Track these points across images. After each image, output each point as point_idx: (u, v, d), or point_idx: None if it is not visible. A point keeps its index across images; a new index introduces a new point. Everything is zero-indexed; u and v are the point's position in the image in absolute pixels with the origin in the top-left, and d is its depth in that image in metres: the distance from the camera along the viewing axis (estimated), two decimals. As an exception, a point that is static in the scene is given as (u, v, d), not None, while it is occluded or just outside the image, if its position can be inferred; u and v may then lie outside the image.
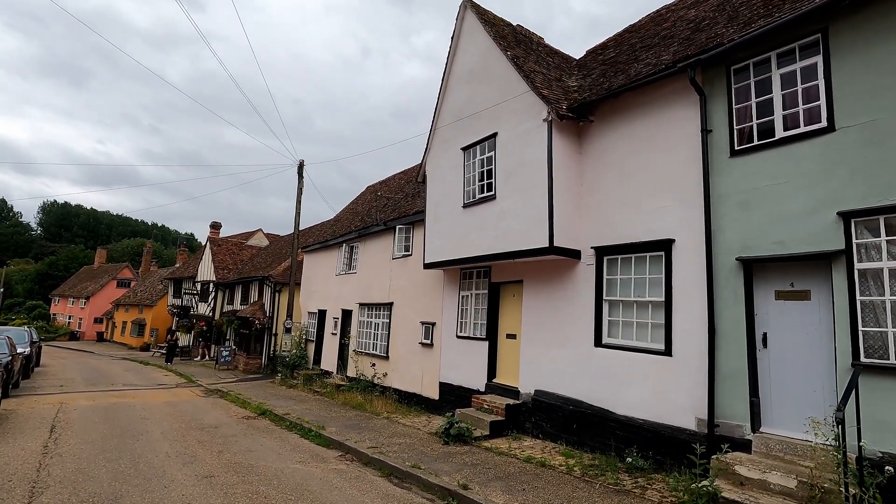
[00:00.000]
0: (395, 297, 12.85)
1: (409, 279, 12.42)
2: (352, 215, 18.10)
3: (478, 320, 10.12)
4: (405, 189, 15.36)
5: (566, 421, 7.69)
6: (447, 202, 10.26)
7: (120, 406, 11.58)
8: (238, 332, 23.78)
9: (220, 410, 11.55)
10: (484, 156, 9.37)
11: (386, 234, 13.79)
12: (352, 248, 15.84)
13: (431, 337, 11.26)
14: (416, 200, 13.26)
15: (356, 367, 13.73)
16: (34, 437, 8.07)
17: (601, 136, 7.97)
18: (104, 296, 48.44)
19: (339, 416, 10.35)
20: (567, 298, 8.09)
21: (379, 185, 19.99)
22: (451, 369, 10.50)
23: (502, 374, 9.43)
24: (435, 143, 10.90)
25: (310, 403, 12.10)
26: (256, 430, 9.35)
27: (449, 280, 11.02)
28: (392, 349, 12.64)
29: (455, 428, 7.80)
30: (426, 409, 10.97)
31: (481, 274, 10.23)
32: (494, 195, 8.93)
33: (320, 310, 17.30)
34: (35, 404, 11.41)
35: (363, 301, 14.30)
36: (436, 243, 10.47)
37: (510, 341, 9.38)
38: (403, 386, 11.91)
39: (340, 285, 16.00)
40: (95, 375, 18.50)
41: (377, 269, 13.94)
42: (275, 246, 29.94)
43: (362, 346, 14.01)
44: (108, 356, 30.23)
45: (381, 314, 13.41)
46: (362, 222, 15.51)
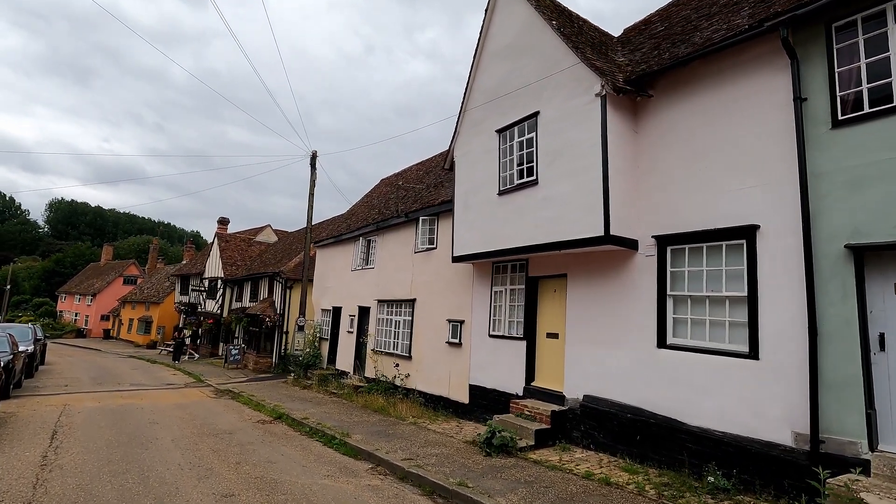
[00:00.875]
0: (418, 293, 12.05)
1: (433, 274, 11.62)
2: (367, 208, 17.32)
3: (513, 318, 9.31)
4: (425, 179, 14.55)
5: (623, 431, 6.86)
6: (479, 190, 9.44)
7: (127, 408, 10.87)
8: (247, 330, 23.08)
9: (233, 413, 10.81)
10: (523, 137, 8.54)
11: (407, 227, 12.99)
12: (369, 242, 15.05)
13: (459, 336, 10.46)
14: (440, 190, 12.45)
15: (375, 367, 12.96)
16: (33, 444, 7.34)
17: (661, 112, 7.12)
18: (111, 293, 48.00)
19: (362, 421, 9.58)
20: (621, 294, 7.26)
21: (395, 178, 19.19)
22: (483, 371, 9.70)
23: (542, 376, 8.62)
24: (464, 127, 10.08)
25: (328, 406, 11.34)
26: (274, 436, 8.59)
27: (479, 274, 10.21)
28: (415, 349, 11.85)
29: (498, 437, 6.99)
30: (455, 413, 10.17)
31: (517, 267, 9.41)
32: (536, 180, 8.10)
33: (335, 307, 16.54)
34: (37, 406, 10.71)
35: (382, 297, 13.52)
36: (466, 235, 9.66)
37: (551, 341, 8.56)
38: (429, 388, 11.12)
39: (357, 281, 15.22)
40: (102, 374, 17.85)
41: (397, 264, 13.15)
42: (284, 242, 29.24)
43: (381, 346, 13.24)
44: (114, 354, 29.67)
45: (403, 311, 12.62)
46: (380, 215, 14.72)
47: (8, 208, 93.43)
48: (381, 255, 14.09)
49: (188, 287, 32.72)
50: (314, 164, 18.01)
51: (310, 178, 17.97)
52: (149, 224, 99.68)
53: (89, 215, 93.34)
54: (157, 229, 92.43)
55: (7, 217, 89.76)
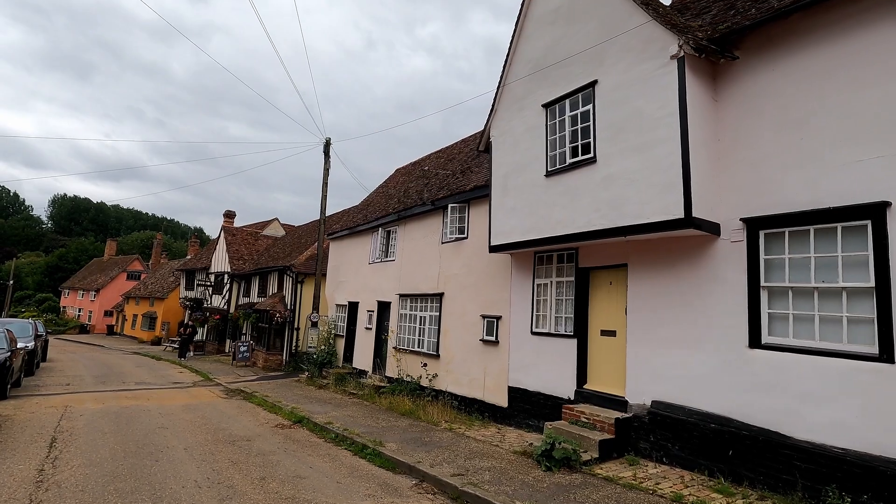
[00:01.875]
0: (447, 286, 11.15)
1: (464, 266, 10.72)
2: (384, 198, 16.41)
3: (560, 313, 8.40)
4: (449, 166, 13.63)
5: (706, 443, 5.95)
6: (522, 172, 8.52)
7: (133, 410, 10.02)
8: (256, 327, 22.24)
9: (248, 416, 9.95)
10: (576, 111, 7.61)
11: (433, 216, 12.08)
12: (388, 233, 14.15)
13: (496, 333, 9.56)
14: (468, 176, 11.53)
15: (398, 366, 12.09)
16: (29, 455, 6.48)
17: (747, 76, 6.17)
18: (114, 288, 47.30)
19: (391, 427, 8.70)
20: (699, 286, 6.34)
21: (412, 167, 18.28)
22: (525, 372, 8.80)
23: (597, 378, 7.71)
24: (504, 103, 9.15)
25: (350, 409, 10.47)
26: (297, 444, 7.72)
27: (519, 266, 9.30)
28: (444, 347, 10.96)
29: (559, 449, 6.09)
30: (492, 418, 9.29)
31: (564, 258, 8.50)
32: (593, 158, 7.18)
33: (350, 302, 15.66)
34: (36, 408, 9.87)
35: (405, 292, 12.62)
36: (505, 222, 8.75)
37: (607, 339, 7.65)
38: (460, 390, 10.23)
39: (375, 275, 14.33)
40: (105, 372, 17.04)
41: (422, 256, 12.25)
42: (292, 236, 28.38)
43: (405, 343, 12.35)
44: (118, 350, 28.90)
45: (429, 307, 11.72)
46: (401, 204, 13.81)
47: (12, 204, 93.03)
48: (402, 246, 13.18)
49: (194, 282, 31.91)
50: (328, 151, 17.11)
51: (323, 165, 17.07)
52: (152, 220, 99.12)
53: (92, 211, 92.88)
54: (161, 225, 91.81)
55: (11, 213, 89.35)
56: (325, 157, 17.10)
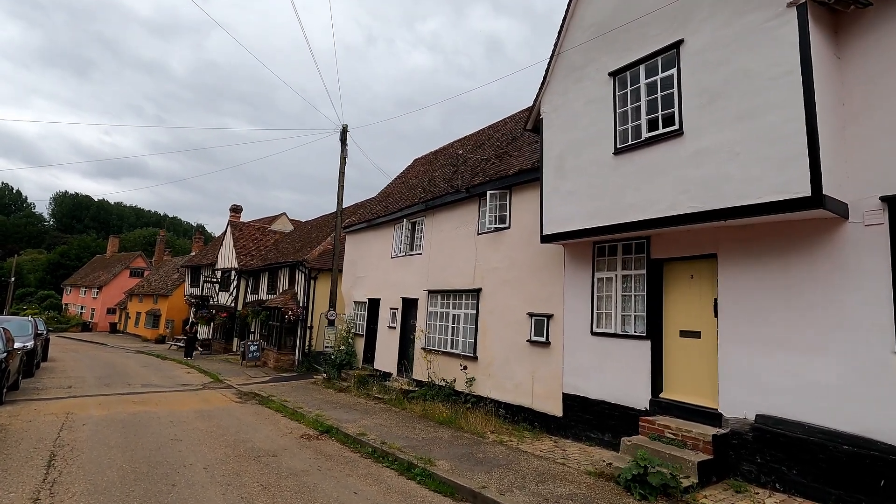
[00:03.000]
0: (485, 281, 10.14)
1: (506, 258, 9.70)
2: (405, 189, 15.40)
3: (628, 311, 7.38)
4: (480, 152, 12.60)
5: (838, 469, 4.94)
6: (582, 151, 7.50)
7: (141, 418, 9.04)
8: (265, 325, 21.27)
9: (268, 425, 8.97)
10: (655, 77, 6.58)
11: (466, 205, 11.06)
12: (414, 225, 13.14)
13: (546, 333, 8.55)
14: (508, 160, 10.50)
15: (428, 368, 11.09)
16: (22, 477, 5.50)
17: (881, 29, 5.15)
18: (117, 285, 46.40)
19: (433, 439, 7.71)
20: (821, 278, 5.32)
21: (432, 156, 17.27)
22: (584, 377, 7.80)
23: (676, 386, 6.71)
24: (558, 75, 8.12)
25: (380, 416, 9.48)
26: (331, 460, 6.73)
27: (575, 258, 8.28)
28: (482, 347, 9.95)
29: (656, 474, 5.09)
30: (544, 428, 8.29)
31: (631, 248, 7.48)
32: (679, 130, 6.15)
33: (371, 299, 14.66)
34: (34, 415, 8.90)
35: (434, 287, 11.62)
36: (561, 208, 7.73)
37: (689, 341, 6.64)
38: (503, 396, 9.23)
39: (399, 270, 13.33)
40: (109, 372, 16.08)
41: (454, 248, 11.23)
42: (301, 231, 27.40)
43: (435, 343, 11.35)
44: (121, 349, 27.98)
45: (464, 304, 10.72)
46: (426, 193, 12.79)
47: (14, 201, 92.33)
48: (431, 238, 12.17)
49: (199, 279, 30.96)
50: (344, 139, 16.08)
51: (340, 154, 16.04)
52: (154, 217, 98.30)
53: (94, 208, 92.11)
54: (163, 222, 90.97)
55: (13, 210, 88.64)
56: (341, 144, 16.07)
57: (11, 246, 63.53)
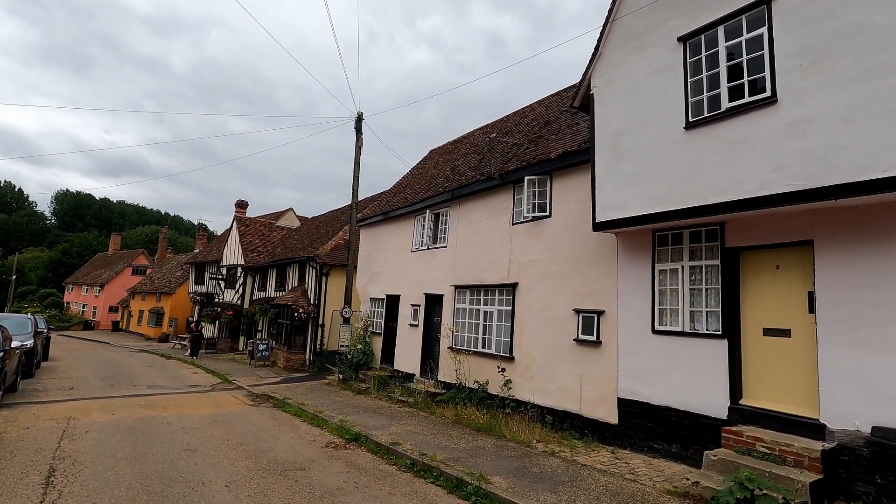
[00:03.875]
0: (522, 275, 9.33)
1: (546, 250, 8.89)
2: (424, 179, 14.59)
3: (699, 306, 6.57)
4: (510, 137, 11.78)
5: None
6: (644, 127, 6.69)
7: (150, 424, 8.26)
8: (274, 323, 20.49)
9: (289, 431, 8.19)
10: (738, 39, 5.77)
11: (498, 193, 10.25)
12: (437, 216, 12.33)
13: (597, 331, 7.75)
14: (545, 143, 9.68)
15: (457, 369, 10.28)
16: (16, 498, 4.71)
17: None
18: (119, 283, 45.67)
19: (476, 449, 6.92)
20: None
21: (450, 145, 16.46)
22: (644, 380, 6.99)
23: (760, 392, 5.89)
24: (612, 44, 7.30)
25: (409, 422, 8.69)
26: (367, 475, 5.94)
27: (630, 248, 7.47)
28: (519, 347, 9.15)
29: (765, 499, 4.28)
30: (596, 437, 7.48)
31: (701, 236, 6.66)
32: (772, 97, 5.34)
33: (389, 295, 13.86)
34: (33, 421, 8.13)
35: (463, 283, 10.81)
36: (619, 192, 6.92)
37: (776, 340, 5.83)
38: (545, 400, 8.42)
39: (421, 264, 12.52)
40: (112, 372, 15.32)
41: (485, 240, 10.42)
42: (309, 227, 26.61)
43: (464, 343, 10.54)
44: (125, 348, 27.24)
45: (497, 300, 9.90)
46: (451, 181, 11.98)
47: (16, 200, 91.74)
48: (457, 230, 11.36)
49: (204, 276, 30.17)
50: (360, 128, 15.28)
51: (355, 144, 15.24)
52: (156, 216, 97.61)
53: (95, 206, 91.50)
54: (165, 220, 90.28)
55: (14, 209, 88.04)
56: (356, 133, 15.27)
57: (13, 244, 62.82)
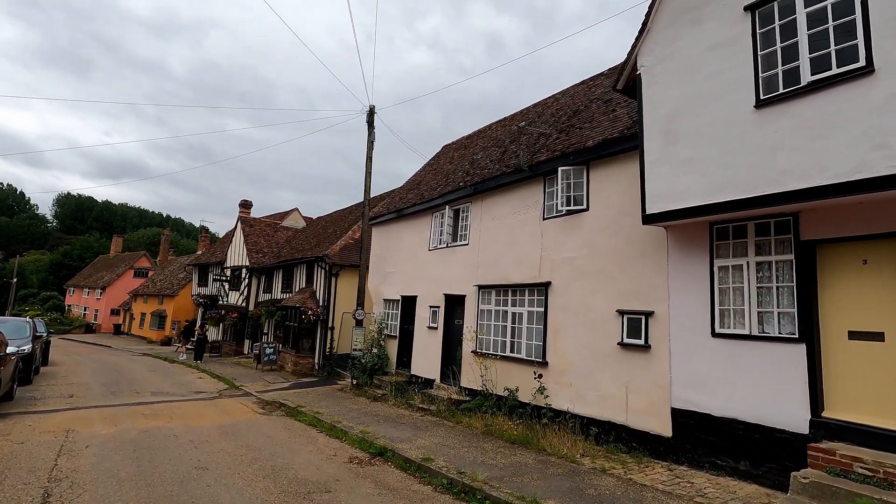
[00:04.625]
0: (555, 273, 8.66)
1: (583, 246, 8.22)
2: (440, 175, 13.94)
3: (769, 307, 5.89)
4: (535, 128, 11.12)
5: None
6: (703, 107, 6.03)
7: (155, 437, 7.59)
8: (280, 326, 19.82)
9: (306, 444, 7.52)
10: (822, 3, 5.10)
11: (526, 186, 9.59)
12: (457, 213, 11.67)
13: (644, 334, 7.07)
14: (577, 132, 9.02)
15: (483, 375, 9.60)
16: (4, 533, 4.07)
17: None
18: (121, 286, 45.05)
19: (518, 465, 6.24)
20: None
21: (466, 140, 15.81)
22: (703, 389, 6.31)
23: (847, 403, 5.21)
24: (663, 18, 6.64)
25: (435, 433, 8.02)
26: (400, 496, 5.26)
27: (682, 243, 6.80)
28: (554, 351, 8.47)
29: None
30: (647, 451, 6.79)
31: (769, 228, 5.99)
32: (868, 67, 4.67)
33: (405, 296, 13.19)
34: (28, 434, 7.46)
35: (487, 282, 10.14)
36: (674, 181, 6.26)
37: (865, 345, 5.15)
38: (585, 409, 7.74)
39: (439, 263, 11.86)
40: (115, 378, 14.67)
41: (512, 236, 9.75)
42: (314, 227, 25.99)
43: (490, 346, 9.86)
44: (127, 351, 26.62)
45: (527, 300, 9.23)
46: (471, 176, 11.31)
47: (17, 202, 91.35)
48: (480, 226, 10.69)
49: (207, 278, 29.56)
50: (371, 121, 14.65)
51: (367, 138, 14.61)
52: (157, 218, 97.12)
53: (97, 209, 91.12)
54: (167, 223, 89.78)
55: (16, 211, 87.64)
56: (368, 127, 14.64)
57: (14, 247, 62.30)
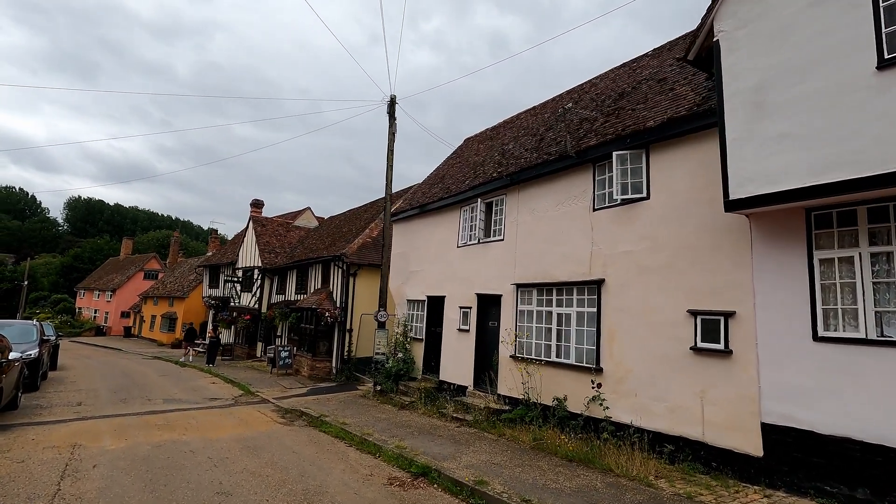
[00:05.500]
0: (609, 270, 7.80)
1: (644, 239, 7.35)
2: (466, 167, 13.13)
3: (889, 306, 4.99)
4: (574, 114, 10.27)
5: None
6: (802, 75, 5.16)
7: (170, 453, 6.82)
8: (295, 328, 19.09)
9: (337, 461, 6.72)
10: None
11: (572, 175, 8.74)
12: (489, 206, 10.84)
13: (724, 338, 6.18)
14: (630, 114, 8.16)
15: (524, 382, 8.74)
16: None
17: None
18: (131, 288, 44.70)
19: (586, 490, 5.39)
20: None
21: (491, 132, 14.98)
22: (801, 402, 5.42)
23: None
24: (748, -26, 5.77)
25: (479, 448, 7.18)
26: (463, 534, 4.43)
27: (769, 233, 5.92)
28: (609, 357, 7.60)
29: None
30: (731, 472, 5.90)
31: (888, 213, 5.10)
32: None
33: (431, 296, 12.37)
34: (30, 450, 6.73)
35: (527, 280, 9.29)
36: (764, 161, 5.39)
37: None
38: (651, 423, 6.86)
39: (471, 260, 11.03)
40: (125, 384, 13.98)
41: (556, 230, 8.90)
42: (328, 227, 25.29)
43: (531, 351, 9.01)
44: (137, 354, 26.04)
45: (576, 299, 8.36)
46: (503, 167, 10.48)
47: (29, 206, 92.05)
48: (517, 220, 9.85)
49: (219, 279, 28.94)
50: (393, 112, 13.87)
51: (388, 130, 13.83)
52: (166, 221, 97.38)
53: (107, 212, 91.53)
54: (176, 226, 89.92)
55: (28, 215, 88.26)
56: (389, 118, 13.86)
57: (26, 251, 62.42)
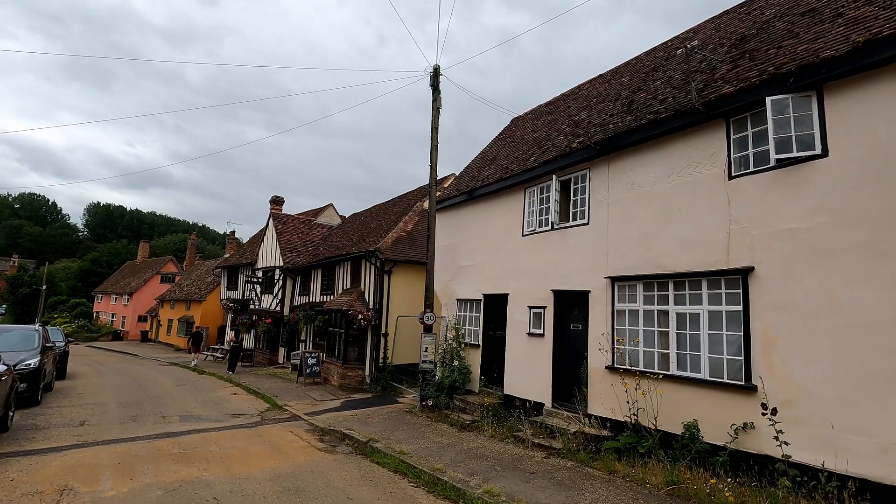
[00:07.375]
0: (759, 254, 5.87)
1: (818, 211, 5.41)
2: (524, 145, 11.29)
3: None
4: (681, 68, 8.36)
5: None
6: None
7: (185, 498, 5.08)
8: (323, 332, 17.39)
9: (411, 516, 4.89)
10: None
11: (692, 135, 6.83)
12: (565, 185, 8.97)
13: (982, 346, 4.22)
14: (776, 52, 6.23)
15: (631, 401, 6.83)
16: None
17: None
18: (148, 292, 43.73)
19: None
20: None
21: (546, 107, 13.12)
22: None
23: None
24: None
25: (596, 493, 5.30)
26: None
27: None
28: (769, 372, 5.65)
29: None
30: None
31: None
32: None
33: (489, 295, 10.53)
34: (6, 496, 5.05)
35: (628, 272, 7.39)
36: None
37: None
38: (853, 466, 4.89)
39: (542, 251, 9.17)
40: (137, 396, 12.39)
41: (667, 207, 6.99)
42: (352, 223, 23.63)
43: (637, 361, 7.09)
44: (153, 360, 24.68)
45: (707, 294, 6.42)
46: (578, 137, 8.60)
47: (49, 212, 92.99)
48: (608, 198, 7.96)
49: (237, 280, 27.51)
50: (437, 84, 12.09)
51: (432, 104, 12.06)
52: (183, 226, 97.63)
53: (126, 217, 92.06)
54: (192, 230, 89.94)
55: (48, 222, 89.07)
56: (433, 91, 12.08)
57: (47, 256, 62.33)
